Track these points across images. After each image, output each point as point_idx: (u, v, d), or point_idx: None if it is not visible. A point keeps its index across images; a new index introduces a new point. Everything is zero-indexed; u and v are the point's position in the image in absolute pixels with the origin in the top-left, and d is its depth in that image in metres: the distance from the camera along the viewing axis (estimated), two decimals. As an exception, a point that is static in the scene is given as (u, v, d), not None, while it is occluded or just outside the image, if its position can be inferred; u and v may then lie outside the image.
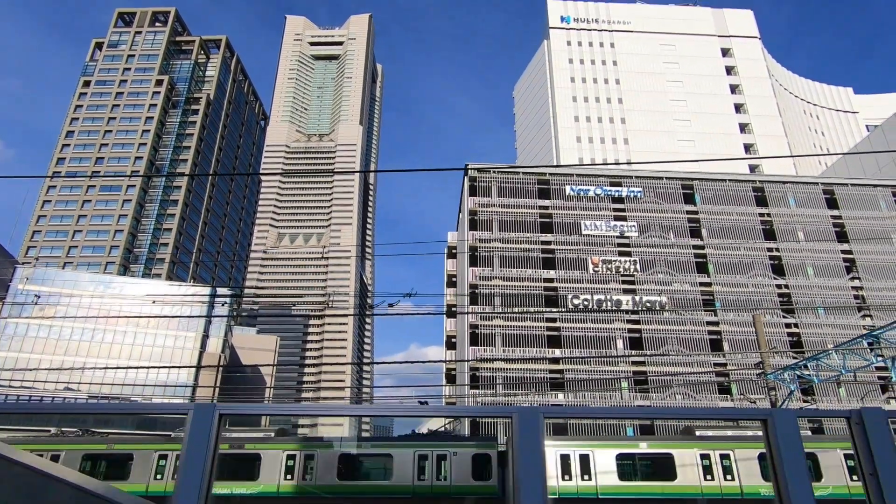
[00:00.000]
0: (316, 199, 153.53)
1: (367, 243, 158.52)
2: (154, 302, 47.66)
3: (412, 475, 16.90)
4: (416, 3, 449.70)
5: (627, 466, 17.75)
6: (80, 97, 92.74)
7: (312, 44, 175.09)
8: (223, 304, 71.74)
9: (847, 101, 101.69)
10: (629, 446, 19.22)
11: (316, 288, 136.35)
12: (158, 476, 17.07)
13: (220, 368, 62.74)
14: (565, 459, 17.73)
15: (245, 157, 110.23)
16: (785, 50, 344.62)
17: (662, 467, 17.46)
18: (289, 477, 16.98)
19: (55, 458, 17.30)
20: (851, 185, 52.48)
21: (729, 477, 16.87)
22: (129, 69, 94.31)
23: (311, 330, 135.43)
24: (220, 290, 67.37)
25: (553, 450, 17.66)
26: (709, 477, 16.95)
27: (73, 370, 49.44)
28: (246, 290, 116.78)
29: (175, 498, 3.75)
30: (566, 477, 17.56)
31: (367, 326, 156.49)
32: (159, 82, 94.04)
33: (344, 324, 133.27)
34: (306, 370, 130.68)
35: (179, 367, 49.45)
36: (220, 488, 16.76)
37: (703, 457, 17.25)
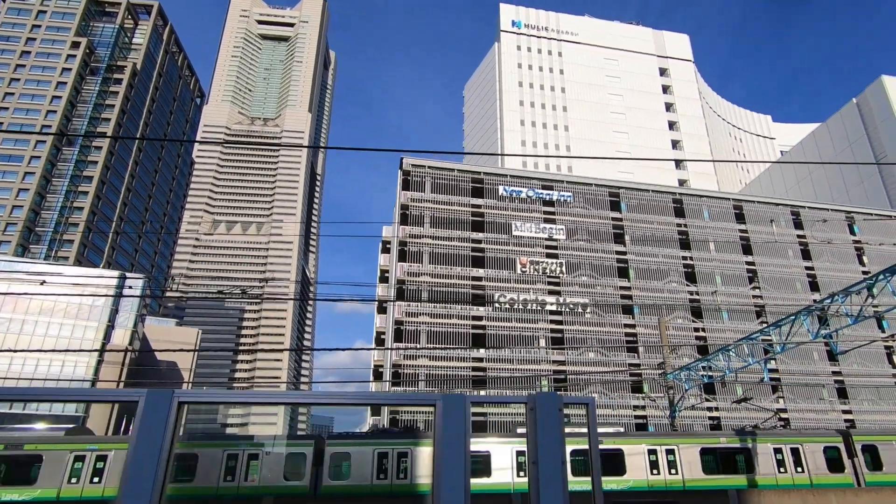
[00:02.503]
0: (257, 186, 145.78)
1: (312, 236, 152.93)
2: (43, 283, 42.82)
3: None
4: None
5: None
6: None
7: (261, 22, 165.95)
8: (144, 292, 66.17)
9: (766, 127, 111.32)
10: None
11: (254, 279, 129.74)
12: (73, 480, 15.43)
13: (126, 362, 57.81)
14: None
15: (176, 135, 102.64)
16: (720, 78, 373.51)
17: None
18: (74, 481, 15.46)
19: None
20: (757, 202, 57.01)
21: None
22: (40, 26, 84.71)
23: (246, 324, 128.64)
24: (131, 276, 61.93)
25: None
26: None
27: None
28: (172, 279, 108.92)
29: None
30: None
31: (308, 322, 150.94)
32: (76, 45, 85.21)
33: (282, 318, 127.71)
34: (238, 367, 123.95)
35: (46, 350, 44.74)
36: None
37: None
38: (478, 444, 18.21)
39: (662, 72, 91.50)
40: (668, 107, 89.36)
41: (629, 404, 46.13)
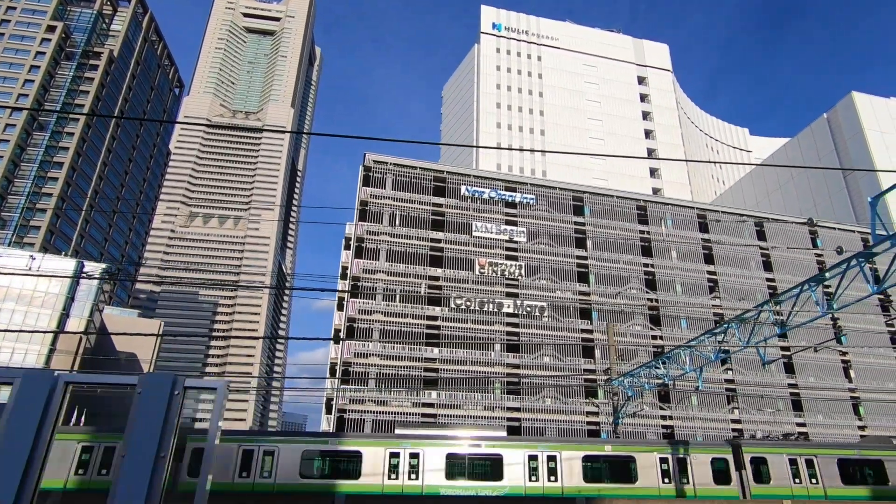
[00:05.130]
0: (236, 181, 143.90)
1: (290, 232, 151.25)
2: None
3: None
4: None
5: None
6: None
7: (246, 15, 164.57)
8: (103, 281, 64.68)
9: (743, 139, 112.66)
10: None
11: (229, 274, 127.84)
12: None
13: (80, 352, 56.43)
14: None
15: (152, 126, 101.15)
16: (705, 91, 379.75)
17: None
18: None
19: None
20: (721, 212, 57.29)
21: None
22: (14, 8, 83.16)
23: (219, 318, 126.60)
24: (90, 264, 60.46)
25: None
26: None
27: None
28: (145, 271, 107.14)
29: None
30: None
31: (283, 319, 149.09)
32: (51, 28, 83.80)
33: (256, 314, 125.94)
34: (209, 361, 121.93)
35: None
36: None
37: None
38: (490, 448, 18.42)
39: (641, 80, 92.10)
40: (645, 115, 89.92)
41: (582, 410, 45.88)
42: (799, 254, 56.73)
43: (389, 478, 17.30)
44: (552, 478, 17.83)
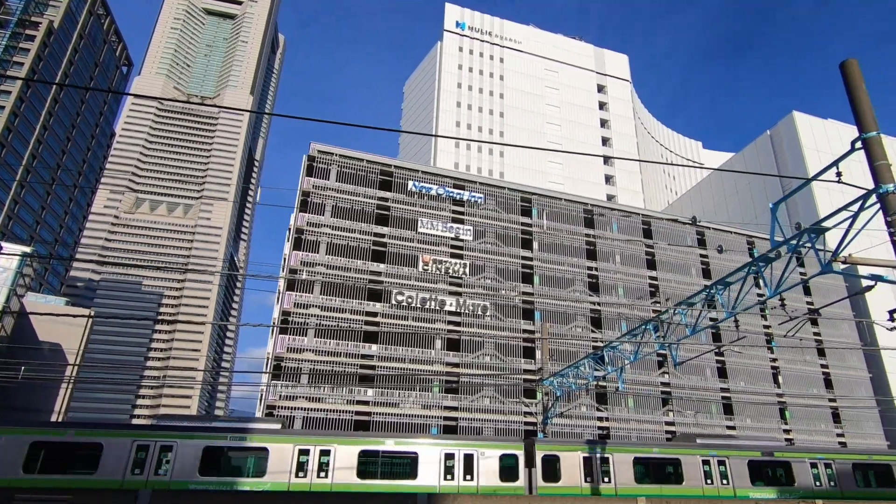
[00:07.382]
0: (189, 167, 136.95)
1: (245, 222, 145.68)
2: None
3: None
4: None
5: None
6: None
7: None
8: (23, 263, 59.69)
9: (696, 153, 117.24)
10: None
11: (177, 264, 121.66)
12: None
13: (-10, 341, 51.73)
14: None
15: (95, 104, 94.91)
16: (666, 105, 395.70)
17: None
18: None
19: None
20: (665, 219, 58.90)
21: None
22: (-65, -33, 76.31)
23: (164, 310, 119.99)
24: (8, 246, 55.56)
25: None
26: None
27: None
28: (82, 257, 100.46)
29: None
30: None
31: (234, 312, 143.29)
32: (-20, -8, 77.38)
33: (204, 307, 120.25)
34: (152, 354, 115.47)
35: None
36: None
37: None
38: (406, 445, 18.20)
39: (600, 88, 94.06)
40: (603, 123, 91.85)
41: (520, 410, 45.84)
42: (735, 263, 58.92)
43: (297, 476, 16.69)
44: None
